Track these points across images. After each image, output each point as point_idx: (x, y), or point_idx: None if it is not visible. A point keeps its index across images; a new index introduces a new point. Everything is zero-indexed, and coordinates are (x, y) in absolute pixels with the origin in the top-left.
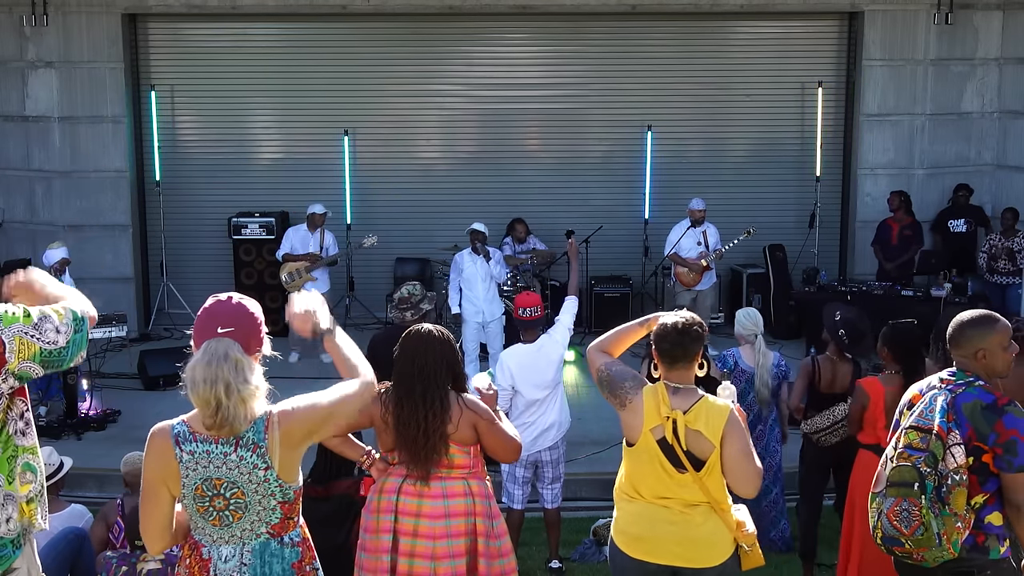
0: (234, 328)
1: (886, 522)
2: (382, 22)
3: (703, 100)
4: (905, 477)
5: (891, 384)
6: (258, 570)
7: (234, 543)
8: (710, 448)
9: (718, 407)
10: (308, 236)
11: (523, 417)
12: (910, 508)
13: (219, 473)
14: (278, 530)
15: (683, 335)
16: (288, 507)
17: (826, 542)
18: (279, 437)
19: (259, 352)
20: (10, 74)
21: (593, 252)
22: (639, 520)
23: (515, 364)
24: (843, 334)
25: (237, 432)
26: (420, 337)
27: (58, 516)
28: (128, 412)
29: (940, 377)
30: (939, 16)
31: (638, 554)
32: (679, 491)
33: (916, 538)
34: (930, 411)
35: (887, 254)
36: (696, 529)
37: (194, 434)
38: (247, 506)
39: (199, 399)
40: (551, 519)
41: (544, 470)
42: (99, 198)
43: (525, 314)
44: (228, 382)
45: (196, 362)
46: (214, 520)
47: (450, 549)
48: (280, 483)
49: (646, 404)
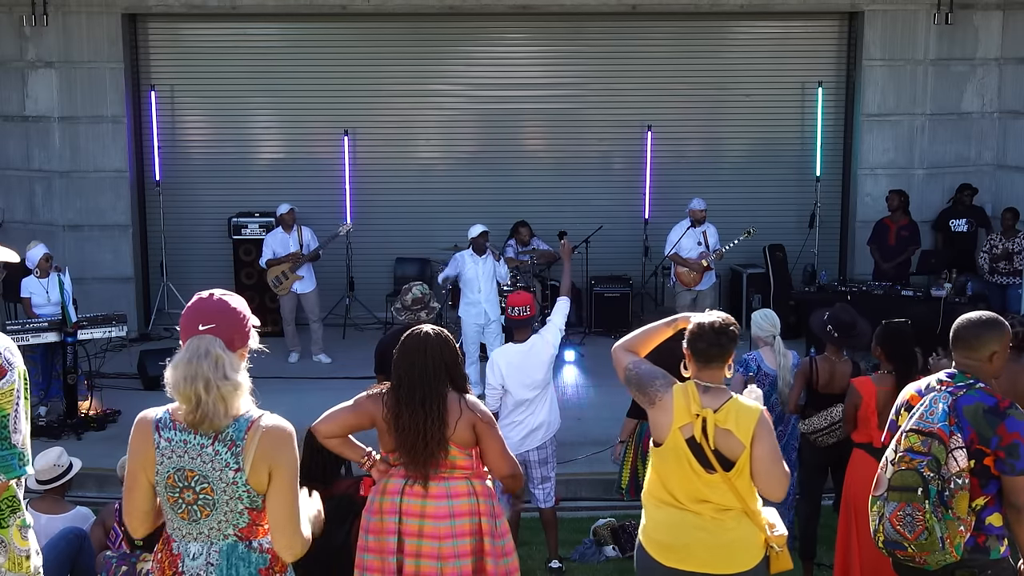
0: (215, 324)
1: (888, 526)
2: (382, 22)
3: (703, 100)
4: (908, 482)
5: (884, 384)
6: (224, 571)
7: (202, 540)
8: (740, 448)
9: (749, 407)
10: (286, 237)
11: (512, 416)
12: (914, 513)
13: (192, 464)
14: (246, 534)
15: (720, 335)
16: (256, 514)
17: (826, 542)
18: (257, 443)
19: (244, 348)
20: (10, 74)
21: (593, 252)
22: (670, 527)
23: (505, 363)
24: (831, 330)
25: (217, 428)
26: (417, 340)
27: (63, 517)
28: (128, 412)
29: (938, 379)
30: (939, 16)
31: (670, 561)
32: (710, 493)
33: (920, 542)
34: (930, 414)
35: (884, 254)
36: (728, 534)
37: (175, 422)
38: (215, 504)
39: (180, 396)
40: (547, 519)
41: (532, 470)
42: (99, 198)
43: (515, 313)
44: (207, 379)
45: (178, 360)
46: (182, 513)
47: (455, 549)
48: (248, 489)
49: (676, 402)
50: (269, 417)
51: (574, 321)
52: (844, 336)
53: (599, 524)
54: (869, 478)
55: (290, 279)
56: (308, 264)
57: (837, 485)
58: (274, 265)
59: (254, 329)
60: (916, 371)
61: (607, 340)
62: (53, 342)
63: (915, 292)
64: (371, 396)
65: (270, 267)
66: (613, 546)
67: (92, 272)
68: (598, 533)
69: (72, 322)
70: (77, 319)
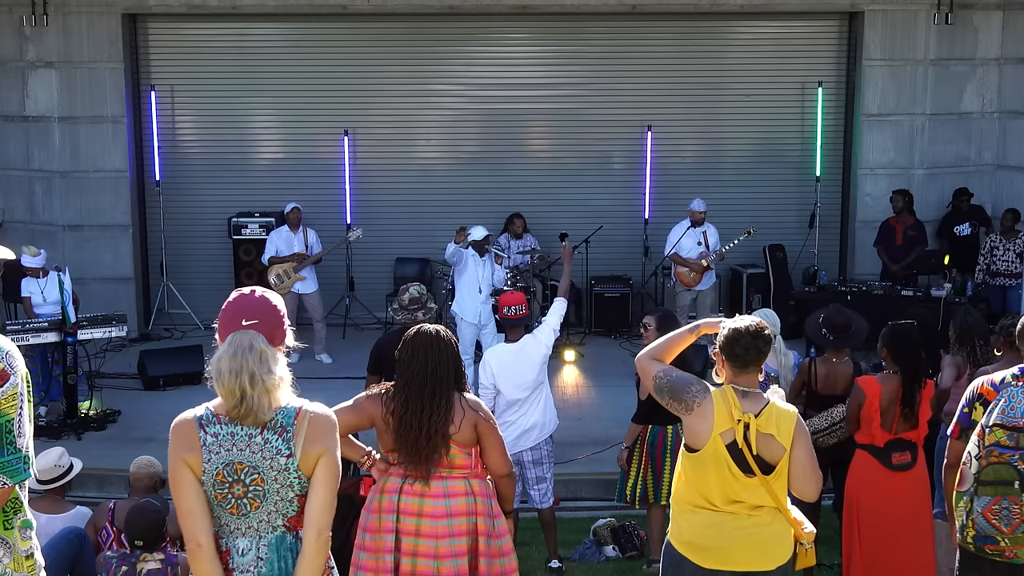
0: (258, 320)
1: (982, 521)
2: (382, 22)
3: (703, 100)
4: (1003, 476)
5: (888, 384)
6: (275, 565)
7: (250, 535)
8: (781, 452)
9: (786, 411)
10: (292, 236)
11: (504, 416)
12: (1010, 506)
13: (241, 457)
14: (295, 523)
15: (757, 339)
16: (305, 501)
17: (826, 542)
18: (307, 428)
19: (283, 345)
20: (10, 74)
21: (593, 252)
22: (708, 530)
23: (497, 363)
24: (825, 333)
25: (261, 421)
26: (430, 338)
27: (63, 517)
28: (128, 412)
29: (1013, 374)
30: (939, 16)
31: (709, 563)
32: (745, 494)
33: (1015, 536)
34: (1011, 408)
35: (892, 255)
36: (765, 529)
37: (218, 416)
38: (265, 495)
39: (224, 389)
40: (546, 518)
41: (526, 471)
42: (99, 198)
43: (509, 312)
44: (253, 372)
45: (222, 353)
46: (231, 508)
47: (452, 548)
48: (299, 474)
49: (716, 408)
50: (313, 405)
51: (574, 321)
52: (839, 338)
53: (599, 524)
54: (871, 480)
55: (292, 279)
56: (311, 266)
57: (837, 485)
58: (276, 263)
59: (290, 328)
60: (923, 372)
61: (607, 340)
62: (53, 342)
63: (915, 292)
64: (371, 396)
65: (272, 264)
66: (613, 546)
67: (92, 272)
68: (598, 533)
69: (71, 322)
70: (77, 319)
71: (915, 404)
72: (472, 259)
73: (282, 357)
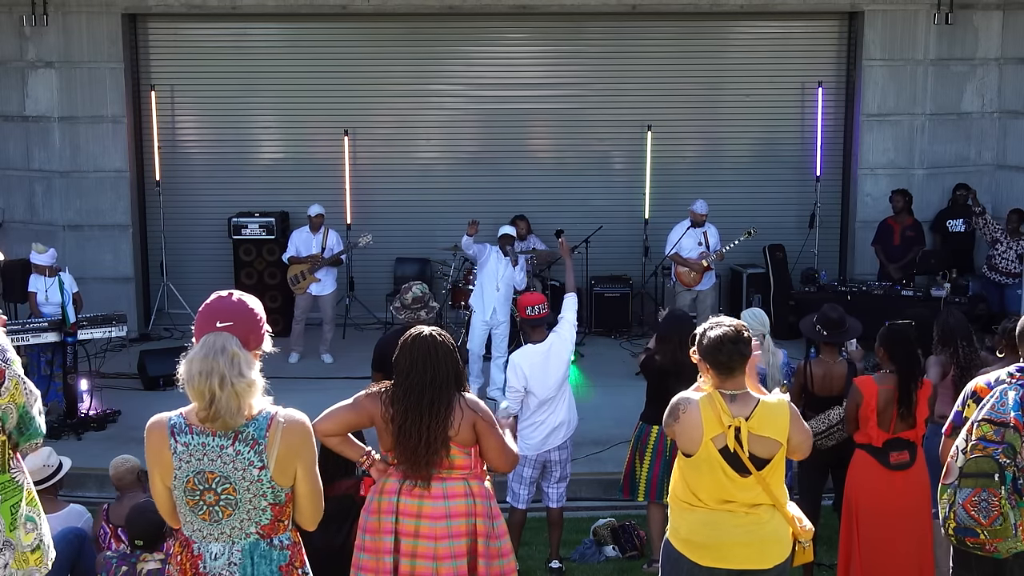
0: (233, 323)
1: (962, 512)
2: (382, 22)
3: (703, 100)
4: (984, 468)
5: (885, 383)
6: (248, 570)
7: (223, 541)
8: (776, 447)
9: (777, 405)
10: (311, 237)
11: (534, 416)
12: (989, 498)
13: (212, 467)
14: (268, 531)
15: (736, 343)
16: (279, 509)
17: (825, 542)
18: (281, 440)
19: (258, 349)
20: (10, 74)
21: (593, 252)
22: (704, 528)
23: (528, 365)
24: (819, 329)
25: (230, 427)
26: (428, 344)
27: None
28: (128, 412)
29: (1009, 372)
30: (939, 16)
31: (707, 561)
32: (740, 494)
33: (993, 528)
34: (1002, 405)
35: (890, 255)
36: (763, 527)
37: (190, 426)
38: (237, 503)
39: (194, 391)
40: (554, 518)
41: (553, 469)
42: (99, 198)
43: (532, 313)
44: (223, 375)
45: (193, 355)
46: (203, 515)
47: (452, 549)
48: (272, 484)
49: (704, 414)
50: (285, 411)
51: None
52: (833, 334)
53: (599, 524)
54: (870, 479)
55: (307, 279)
56: (329, 268)
57: (837, 485)
58: (295, 263)
59: (268, 332)
60: (919, 372)
61: (607, 340)
62: (53, 342)
63: (915, 292)
64: (370, 395)
65: (291, 264)
66: (613, 546)
67: (92, 272)
68: (598, 533)
69: (71, 322)
70: (77, 319)
71: (912, 404)
72: (495, 255)
73: (256, 362)
